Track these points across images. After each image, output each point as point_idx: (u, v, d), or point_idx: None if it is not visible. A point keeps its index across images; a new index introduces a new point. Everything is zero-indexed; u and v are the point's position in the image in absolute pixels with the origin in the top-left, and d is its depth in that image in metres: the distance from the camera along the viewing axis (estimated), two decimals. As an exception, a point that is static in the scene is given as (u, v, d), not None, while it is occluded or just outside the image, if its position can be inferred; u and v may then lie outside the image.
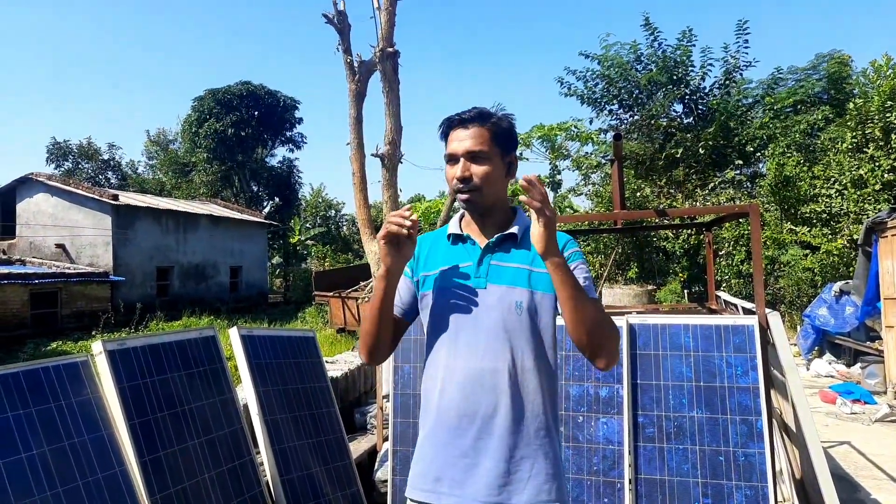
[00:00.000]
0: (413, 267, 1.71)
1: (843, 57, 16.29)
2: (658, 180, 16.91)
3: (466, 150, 1.59)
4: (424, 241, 1.75)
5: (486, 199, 1.62)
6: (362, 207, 9.27)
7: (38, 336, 17.03)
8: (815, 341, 9.41)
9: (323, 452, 3.26)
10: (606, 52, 17.06)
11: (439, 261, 1.67)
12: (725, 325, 3.03)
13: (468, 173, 1.58)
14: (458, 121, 1.63)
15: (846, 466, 4.83)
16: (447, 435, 1.55)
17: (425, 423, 1.63)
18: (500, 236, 1.63)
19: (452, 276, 1.63)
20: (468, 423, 1.53)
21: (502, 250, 1.63)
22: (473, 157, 1.59)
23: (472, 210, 1.65)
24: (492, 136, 1.61)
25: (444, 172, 1.69)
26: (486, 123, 1.61)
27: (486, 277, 1.59)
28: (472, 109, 1.66)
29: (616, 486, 2.89)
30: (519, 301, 1.56)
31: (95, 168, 40.37)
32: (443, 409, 1.56)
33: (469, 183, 1.59)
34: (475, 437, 1.52)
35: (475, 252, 1.63)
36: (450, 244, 1.70)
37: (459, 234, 1.69)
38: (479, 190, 1.59)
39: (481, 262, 1.61)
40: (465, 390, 1.54)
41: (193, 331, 2.96)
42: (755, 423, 2.84)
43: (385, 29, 8.51)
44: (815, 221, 13.33)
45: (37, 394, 2.25)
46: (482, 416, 1.52)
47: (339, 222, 41.26)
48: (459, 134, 1.61)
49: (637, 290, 12.34)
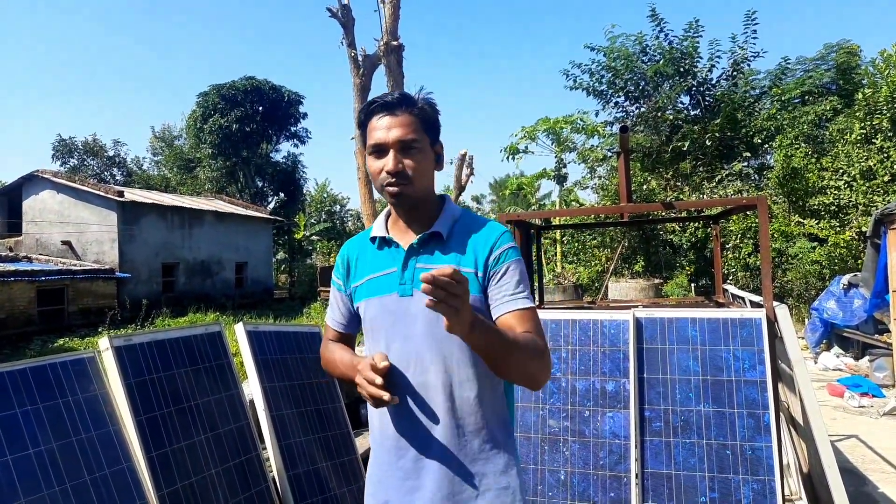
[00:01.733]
0: (343, 279, 1.60)
1: (852, 47, 16.15)
2: (665, 173, 16.83)
3: (397, 139, 1.43)
4: (352, 247, 1.62)
5: (418, 192, 1.47)
6: (367, 202, 9.26)
7: (44, 333, 17.13)
8: (823, 334, 9.35)
9: (329, 447, 3.27)
10: (612, 44, 16.97)
11: (366, 269, 1.55)
12: (733, 318, 3.01)
13: (401, 166, 1.43)
14: (381, 106, 1.46)
15: (854, 460, 4.81)
16: (389, 456, 1.47)
17: (372, 442, 1.55)
18: (423, 237, 1.49)
19: (378, 284, 1.50)
20: (406, 444, 1.44)
21: (427, 252, 1.48)
22: (404, 148, 1.43)
23: (402, 205, 1.49)
24: (421, 122, 1.46)
25: (366, 166, 1.56)
26: (413, 109, 1.46)
27: (412, 283, 1.45)
28: (395, 93, 1.49)
29: (623, 481, 2.88)
30: None
31: (101, 165, 40.50)
32: (383, 428, 1.48)
33: (401, 176, 1.43)
34: (415, 457, 1.43)
35: (399, 256, 1.49)
36: (375, 248, 1.56)
37: (384, 236, 1.54)
38: (411, 183, 1.44)
39: (406, 266, 1.47)
40: (399, 409, 1.44)
41: (199, 327, 2.96)
42: (762, 417, 2.82)
43: (389, 22, 8.49)
44: (823, 213, 13.24)
45: (44, 390, 2.26)
46: (420, 435, 1.43)
47: (343, 217, 41.27)
48: (386, 121, 1.44)
49: (643, 283, 12.31)
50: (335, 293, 1.65)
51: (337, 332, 1.67)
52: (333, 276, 1.65)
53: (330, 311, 1.68)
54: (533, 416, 3.05)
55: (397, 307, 1.46)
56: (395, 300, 1.46)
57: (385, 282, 1.49)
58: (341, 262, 1.62)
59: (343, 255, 1.62)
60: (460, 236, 1.49)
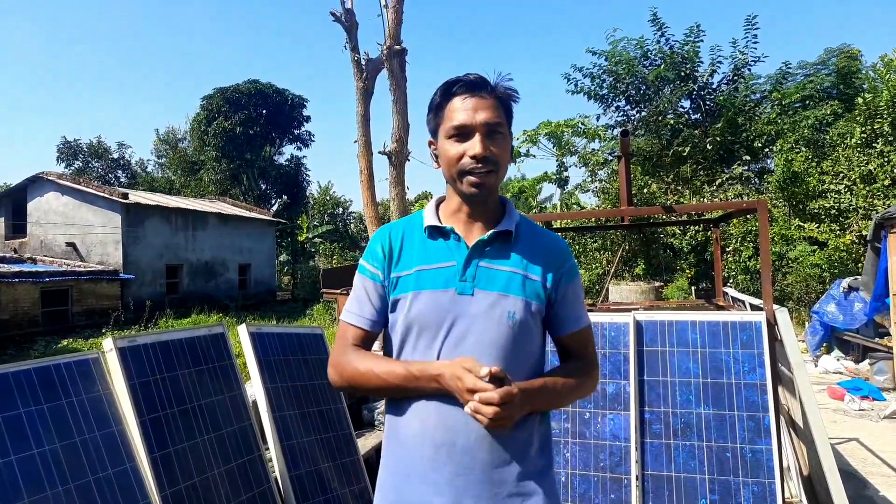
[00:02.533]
0: (383, 267, 1.40)
1: (853, 51, 16.15)
2: (665, 176, 16.84)
3: (485, 121, 1.29)
4: (395, 232, 1.43)
5: (497, 185, 1.35)
6: (370, 205, 9.29)
7: (49, 334, 17.17)
8: (823, 338, 9.35)
9: (331, 448, 3.28)
10: (613, 48, 17.01)
11: (415, 258, 1.37)
12: (733, 321, 3.03)
13: (489, 151, 1.29)
14: (465, 86, 1.32)
15: (854, 463, 4.81)
16: (421, 467, 1.30)
17: (394, 449, 1.37)
18: (493, 233, 1.36)
19: (432, 278, 1.34)
20: (445, 456, 1.28)
21: (494, 250, 1.36)
22: (491, 132, 1.30)
23: (479, 198, 1.34)
24: (504, 109, 1.34)
25: (441, 151, 1.36)
26: (498, 92, 1.34)
27: (474, 282, 1.32)
28: (475, 74, 1.35)
29: (623, 483, 2.89)
30: (512, 311, 1.31)
31: (105, 167, 40.62)
32: (417, 436, 1.31)
33: (489, 163, 1.30)
34: (453, 472, 1.28)
35: (460, 251, 1.35)
36: (426, 237, 1.40)
37: (439, 226, 1.39)
38: (497, 171, 1.32)
39: (468, 263, 1.34)
40: (443, 416, 1.28)
41: (203, 328, 2.98)
42: (762, 420, 2.83)
43: (392, 27, 8.51)
44: (823, 217, 13.25)
45: (49, 390, 2.27)
46: (461, 447, 1.28)
47: (346, 220, 41.29)
48: (472, 103, 1.30)
49: (644, 286, 12.30)
50: (366, 283, 1.42)
51: (362, 331, 1.41)
52: (365, 264, 1.43)
53: (355, 305, 1.43)
54: (533, 418, 3.06)
55: (453, 305, 1.32)
56: (452, 297, 1.32)
57: (440, 275, 1.34)
58: (381, 247, 1.41)
59: (382, 240, 1.42)
60: (526, 241, 1.39)
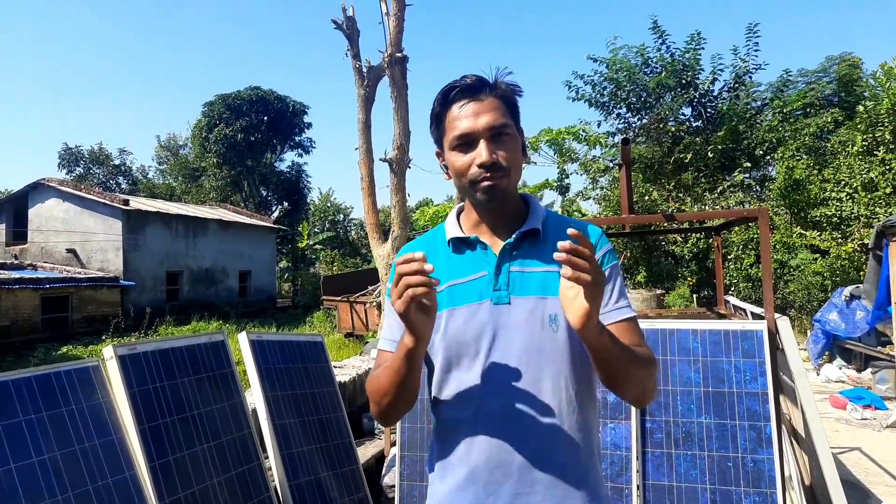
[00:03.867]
0: None
1: (854, 59, 16.21)
2: (667, 184, 16.86)
3: (488, 125, 1.23)
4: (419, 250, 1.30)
5: (512, 185, 1.28)
6: (371, 212, 9.29)
7: (49, 340, 17.17)
8: (825, 346, 9.33)
9: (331, 457, 3.27)
10: (614, 56, 17.07)
11: (443, 275, 1.30)
12: (734, 329, 3.02)
13: (495, 156, 1.23)
14: (462, 91, 1.26)
15: (857, 472, 4.79)
16: (480, 490, 1.24)
17: (444, 474, 1.30)
18: (519, 234, 1.29)
19: (465, 292, 1.28)
20: (503, 476, 1.22)
21: (522, 253, 1.29)
22: (496, 135, 1.24)
23: (495, 201, 1.27)
24: (508, 108, 1.27)
25: (448, 162, 1.30)
26: (497, 91, 1.27)
27: (509, 289, 1.26)
28: (472, 76, 1.28)
29: (624, 492, 2.88)
30: (553, 314, 1.23)
31: (106, 173, 40.74)
32: (472, 458, 1.25)
33: (497, 169, 1.24)
34: (513, 492, 1.22)
35: (489, 259, 1.29)
36: (451, 252, 1.34)
37: (464, 237, 1.33)
38: (507, 175, 1.25)
39: (499, 270, 1.27)
40: (498, 435, 1.23)
41: (203, 335, 2.98)
42: (764, 429, 2.82)
43: (393, 34, 8.54)
44: (825, 225, 13.25)
45: (49, 398, 2.27)
46: (519, 465, 1.22)
47: (347, 227, 41.39)
48: (472, 108, 1.24)
49: (645, 294, 12.29)
50: None
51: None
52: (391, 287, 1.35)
53: (387, 331, 1.37)
54: (534, 427, 3.05)
55: (491, 317, 1.25)
56: (489, 308, 1.25)
57: (473, 288, 1.28)
58: None
59: None
60: (556, 235, 1.29)
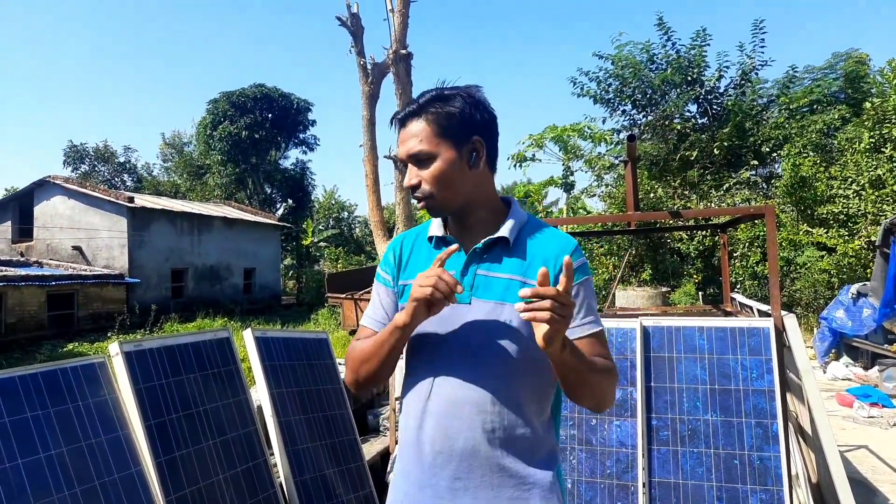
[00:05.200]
0: (393, 273, 1.49)
1: (861, 55, 16.07)
2: (672, 181, 16.79)
3: (408, 153, 1.38)
4: (406, 241, 1.52)
5: (447, 202, 1.39)
6: (375, 209, 9.30)
7: (55, 337, 17.25)
8: (831, 344, 9.29)
9: (336, 454, 3.27)
10: (619, 52, 16.99)
11: (419, 267, 1.42)
12: (740, 327, 3.01)
13: (417, 180, 1.37)
14: (398, 120, 1.42)
15: (863, 470, 4.77)
16: (423, 474, 1.36)
17: (401, 456, 1.43)
18: (487, 241, 1.39)
19: None
20: (444, 461, 1.33)
21: (491, 258, 1.39)
22: (418, 161, 1.37)
23: (438, 216, 1.44)
24: (436, 128, 1.35)
25: None
26: (425, 114, 1.37)
27: (471, 291, 1.36)
28: (418, 98, 1.41)
29: (630, 490, 2.87)
30: (509, 319, 1.32)
31: (111, 171, 40.85)
32: (420, 442, 1.36)
33: (417, 190, 1.38)
34: (452, 476, 1.32)
35: (458, 260, 1.39)
36: (432, 248, 1.46)
37: (443, 236, 1.45)
38: (431, 196, 1.37)
39: (466, 272, 1.38)
40: (442, 423, 1.33)
41: (208, 332, 2.98)
42: (770, 427, 2.81)
43: (398, 31, 8.53)
44: (831, 222, 13.17)
45: (55, 394, 2.28)
46: (460, 452, 1.32)
47: (351, 224, 41.38)
48: (401, 135, 1.40)
49: (651, 291, 12.25)
50: (380, 288, 1.51)
51: (374, 333, 1.48)
52: (380, 271, 1.53)
53: (370, 309, 1.52)
54: (539, 424, 3.04)
55: (451, 314, 1.35)
56: (450, 307, 1.33)
57: None
58: (392, 254, 1.51)
59: (395, 247, 1.52)
60: (530, 244, 1.40)
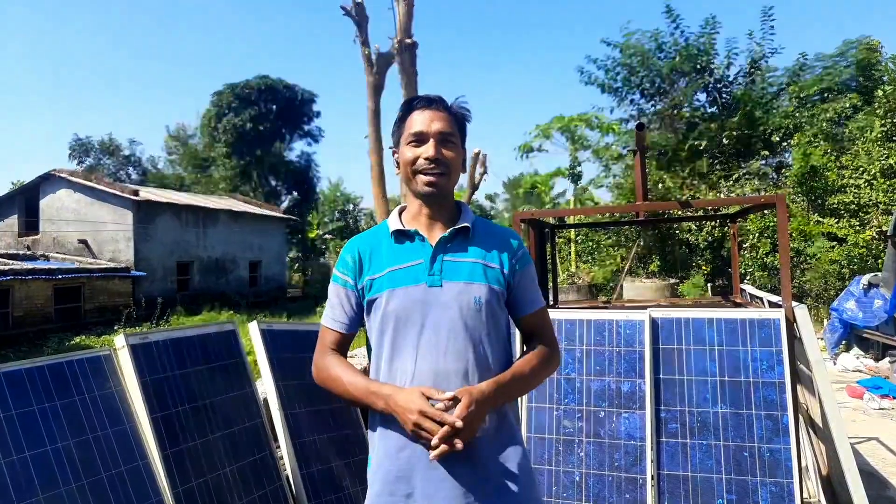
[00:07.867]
0: (354, 274, 1.60)
1: (873, 43, 15.85)
2: (681, 171, 16.67)
3: (438, 130, 1.53)
4: (362, 242, 1.65)
5: (448, 187, 1.57)
6: (380, 201, 9.27)
7: (61, 330, 17.37)
8: (842, 335, 9.22)
9: (342, 447, 3.26)
10: (627, 40, 16.84)
11: (385, 261, 1.58)
12: (751, 318, 2.97)
13: (440, 154, 1.53)
14: (423, 102, 1.58)
15: (874, 462, 4.73)
16: (393, 483, 1.49)
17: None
18: (453, 230, 1.57)
19: (404, 276, 1.54)
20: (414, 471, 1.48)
21: (455, 246, 1.57)
22: (444, 140, 1.54)
23: (434, 197, 1.57)
24: (458, 125, 1.59)
25: (400, 155, 1.59)
26: (450, 110, 1.58)
27: (441, 275, 1.53)
28: (434, 95, 1.61)
29: (638, 482, 2.85)
30: (478, 297, 1.52)
31: (117, 164, 41.00)
32: (387, 456, 1.51)
33: (440, 165, 1.53)
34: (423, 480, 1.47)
35: (425, 249, 1.56)
36: (393, 242, 1.60)
37: (404, 230, 1.60)
38: (447, 175, 1.55)
39: (434, 259, 1.55)
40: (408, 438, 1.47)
41: (214, 325, 2.97)
42: (781, 419, 2.78)
43: (403, 21, 8.47)
44: (842, 212, 13.05)
45: (62, 387, 2.28)
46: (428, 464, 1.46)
47: (356, 216, 41.36)
48: (428, 114, 1.55)
49: (659, 283, 12.21)
50: (339, 290, 1.63)
51: (338, 334, 1.64)
52: (337, 273, 1.64)
53: (330, 311, 1.66)
54: (547, 417, 3.02)
55: (426, 297, 1.52)
56: (423, 290, 1.52)
57: (410, 273, 1.55)
58: (350, 257, 1.62)
59: (352, 251, 1.63)
60: (483, 235, 1.62)
